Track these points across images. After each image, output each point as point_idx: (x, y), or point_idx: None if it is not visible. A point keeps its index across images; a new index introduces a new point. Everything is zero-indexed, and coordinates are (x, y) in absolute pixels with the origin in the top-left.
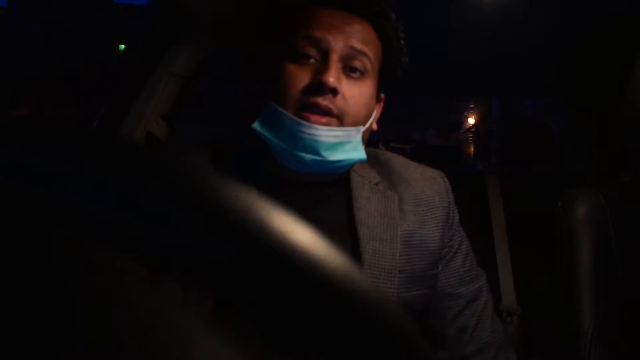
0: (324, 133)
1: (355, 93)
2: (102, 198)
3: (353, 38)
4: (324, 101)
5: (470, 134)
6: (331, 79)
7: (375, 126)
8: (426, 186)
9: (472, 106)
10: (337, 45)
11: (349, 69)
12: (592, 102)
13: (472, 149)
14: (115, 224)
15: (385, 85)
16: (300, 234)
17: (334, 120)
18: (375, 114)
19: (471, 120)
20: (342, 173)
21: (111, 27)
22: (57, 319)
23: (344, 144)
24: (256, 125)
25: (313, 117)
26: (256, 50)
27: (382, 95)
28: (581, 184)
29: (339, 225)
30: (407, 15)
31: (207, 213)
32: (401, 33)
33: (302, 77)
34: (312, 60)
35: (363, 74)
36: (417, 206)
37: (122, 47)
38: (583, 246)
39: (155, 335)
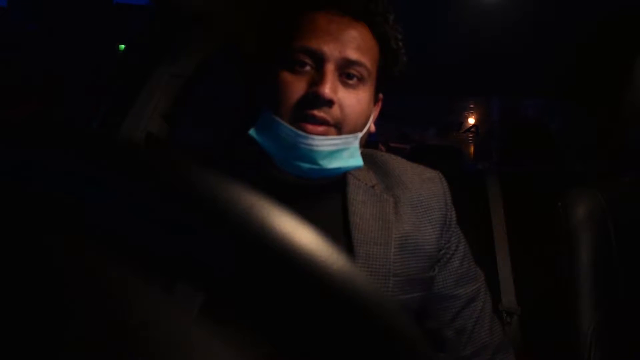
0: (321, 142)
1: (352, 101)
2: (103, 198)
3: (348, 48)
4: (319, 113)
5: (470, 134)
6: (327, 90)
7: (373, 128)
8: (423, 188)
9: (472, 106)
10: (333, 55)
11: (345, 76)
12: (592, 102)
13: (472, 149)
14: (116, 225)
15: (385, 85)
16: (302, 235)
17: (332, 130)
18: (373, 116)
19: (471, 120)
20: (339, 176)
21: (111, 27)
22: (57, 319)
23: (341, 152)
24: (252, 132)
25: (310, 127)
26: (254, 54)
27: (381, 96)
28: (581, 184)
29: (334, 229)
30: (407, 15)
31: (208, 214)
32: (399, 34)
33: (297, 88)
34: (307, 68)
35: (360, 79)
36: (413, 209)
37: (122, 47)
38: (583, 246)
39: (155, 336)
